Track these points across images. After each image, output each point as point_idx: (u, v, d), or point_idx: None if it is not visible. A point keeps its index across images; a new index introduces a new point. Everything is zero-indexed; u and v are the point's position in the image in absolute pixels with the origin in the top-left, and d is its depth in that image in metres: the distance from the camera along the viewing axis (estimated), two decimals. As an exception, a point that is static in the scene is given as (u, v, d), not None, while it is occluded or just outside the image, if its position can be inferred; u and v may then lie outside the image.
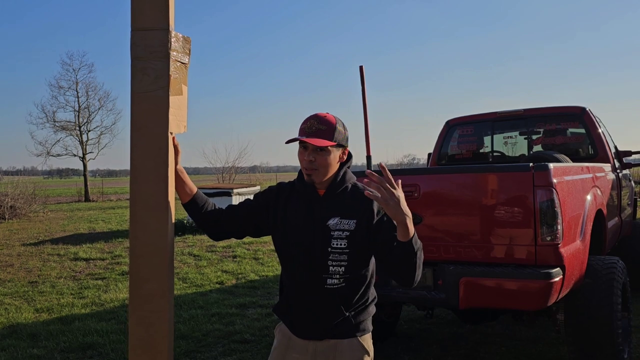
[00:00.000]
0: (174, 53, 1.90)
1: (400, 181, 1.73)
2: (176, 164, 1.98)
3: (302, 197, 2.02)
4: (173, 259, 1.98)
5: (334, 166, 1.98)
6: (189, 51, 2.00)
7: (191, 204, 2.08)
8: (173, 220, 1.96)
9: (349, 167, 2.06)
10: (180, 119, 1.98)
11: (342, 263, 1.94)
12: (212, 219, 2.10)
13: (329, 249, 1.93)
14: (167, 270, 1.91)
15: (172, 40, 1.89)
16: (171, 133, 1.91)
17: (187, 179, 2.05)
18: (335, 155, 1.97)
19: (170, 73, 1.88)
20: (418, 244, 1.77)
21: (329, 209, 1.97)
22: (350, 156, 2.07)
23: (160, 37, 1.87)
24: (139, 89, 1.88)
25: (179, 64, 1.94)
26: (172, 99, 1.90)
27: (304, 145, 1.95)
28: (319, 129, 1.92)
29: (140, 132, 1.89)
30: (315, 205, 1.99)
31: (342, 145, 1.99)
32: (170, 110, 1.89)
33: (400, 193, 1.70)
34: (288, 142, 1.96)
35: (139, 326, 1.90)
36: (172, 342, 1.95)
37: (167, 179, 1.89)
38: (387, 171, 1.71)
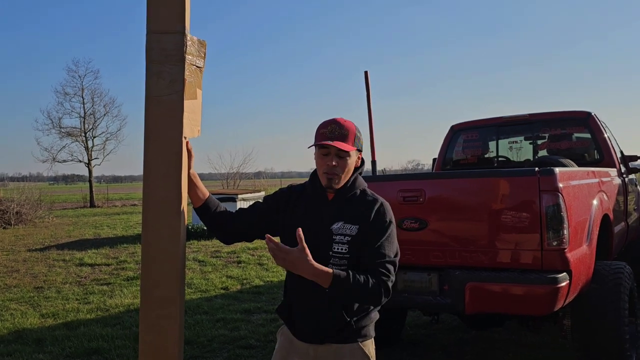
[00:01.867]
0: (189, 57, 1.89)
1: (300, 247, 1.77)
2: (189, 168, 1.97)
3: (311, 200, 2.03)
4: (185, 265, 1.97)
5: (352, 171, 2.00)
6: (204, 55, 1.98)
7: (203, 208, 2.08)
8: (185, 225, 1.96)
9: (360, 173, 2.07)
10: (195, 123, 1.97)
11: (342, 267, 1.93)
12: (223, 223, 2.10)
13: (330, 253, 1.94)
14: (178, 276, 1.90)
15: (188, 43, 1.88)
16: (185, 137, 1.90)
17: (200, 183, 2.05)
18: (354, 160, 1.99)
19: (185, 77, 1.87)
20: (340, 290, 1.81)
21: (335, 213, 1.98)
22: (362, 162, 2.08)
23: (176, 41, 1.86)
24: (154, 93, 1.86)
25: (194, 67, 1.92)
26: (187, 103, 1.89)
27: (325, 151, 1.94)
28: (341, 133, 1.93)
29: (155, 137, 1.87)
30: (322, 209, 2.00)
31: (359, 151, 2.01)
32: (185, 114, 1.88)
33: (295, 254, 1.77)
34: (312, 145, 1.96)
35: (149, 332, 1.88)
36: (182, 348, 1.94)
37: (181, 183, 1.88)
38: (273, 240, 1.79)
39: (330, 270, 1.80)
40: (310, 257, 1.78)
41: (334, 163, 1.92)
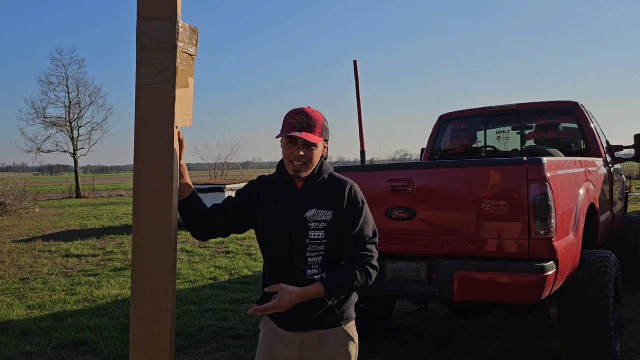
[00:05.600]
0: (181, 44, 1.85)
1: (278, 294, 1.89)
2: (180, 159, 1.93)
3: (281, 190, 2.04)
4: (176, 255, 1.95)
5: (318, 161, 2.02)
6: (196, 42, 1.94)
7: (186, 203, 2.02)
8: (177, 216, 1.93)
9: (325, 159, 2.09)
10: (186, 112, 1.93)
11: (320, 253, 1.96)
12: (203, 219, 2.06)
13: (307, 241, 1.96)
14: (171, 267, 1.88)
15: (180, 30, 1.83)
16: (176, 127, 1.86)
17: (187, 176, 2.01)
18: (320, 150, 2.00)
19: (177, 65, 1.83)
20: (336, 291, 1.94)
21: (307, 201, 1.99)
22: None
23: (167, 28, 1.81)
24: (145, 81, 1.82)
25: (185, 55, 1.88)
26: (179, 92, 1.85)
27: (293, 140, 1.94)
28: (309, 124, 1.93)
29: (146, 126, 1.83)
30: (293, 198, 2.01)
31: (326, 141, 2.03)
32: (177, 103, 1.84)
33: (283, 299, 1.87)
34: (279, 136, 1.96)
35: (141, 323, 1.87)
36: (174, 340, 1.93)
37: (173, 173, 1.85)
38: (259, 310, 1.88)
39: (318, 284, 1.90)
40: (290, 289, 1.88)
41: (301, 153, 1.93)
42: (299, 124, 1.92)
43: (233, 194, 2.15)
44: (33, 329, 5.12)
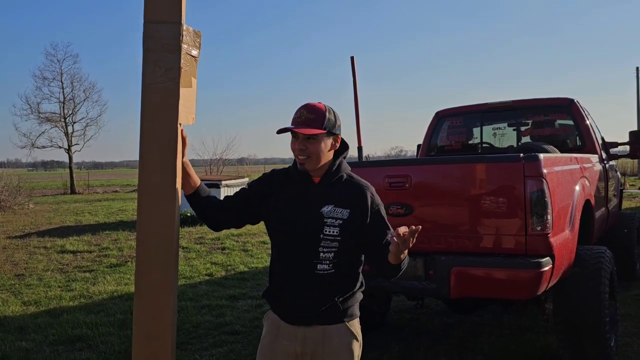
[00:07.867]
0: (185, 46, 1.93)
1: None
2: (183, 155, 1.99)
3: (297, 184, 2.05)
4: (178, 249, 1.99)
5: (327, 154, 2.01)
6: (199, 45, 2.03)
7: (194, 196, 2.10)
8: (180, 212, 1.99)
9: (344, 157, 2.10)
10: (189, 110, 2.01)
11: (333, 249, 1.98)
12: (213, 210, 2.13)
13: (321, 236, 1.97)
14: (173, 261, 1.93)
15: (184, 33, 1.92)
16: (180, 124, 1.93)
17: (192, 171, 2.07)
18: (327, 143, 2.00)
19: (180, 65, 1.91)
20: (405, 263, 1.97)
21: (323, 197, 2.01)
22: (346, 146, 2.10)
23: (172, 30, 1.90)
24: (150, 81, 1.91)
25: (189, 57, 1.97)
26: (182, 91, 1.93)
27: (295, 135, 1.99)
28: (308, 118, 1.96)
29: (151, 123, 1.91)
30: (310, 192, 2.03)
31: (333, 133, 2.01)
32: (180, 102, 1.92)
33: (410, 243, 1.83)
34: (278, 131, 1.99)
35: (143, 316, 1.91)
36: (175, 333, 1.97)
37: (176, 170, 1.92)
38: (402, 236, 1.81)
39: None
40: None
41: (302, 147, 1.96)
42: (299, 118, 1.96)
43: (229, 190, 2.18)
44: (29, 325, 5.10)
